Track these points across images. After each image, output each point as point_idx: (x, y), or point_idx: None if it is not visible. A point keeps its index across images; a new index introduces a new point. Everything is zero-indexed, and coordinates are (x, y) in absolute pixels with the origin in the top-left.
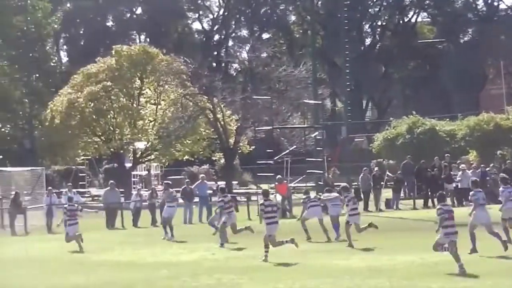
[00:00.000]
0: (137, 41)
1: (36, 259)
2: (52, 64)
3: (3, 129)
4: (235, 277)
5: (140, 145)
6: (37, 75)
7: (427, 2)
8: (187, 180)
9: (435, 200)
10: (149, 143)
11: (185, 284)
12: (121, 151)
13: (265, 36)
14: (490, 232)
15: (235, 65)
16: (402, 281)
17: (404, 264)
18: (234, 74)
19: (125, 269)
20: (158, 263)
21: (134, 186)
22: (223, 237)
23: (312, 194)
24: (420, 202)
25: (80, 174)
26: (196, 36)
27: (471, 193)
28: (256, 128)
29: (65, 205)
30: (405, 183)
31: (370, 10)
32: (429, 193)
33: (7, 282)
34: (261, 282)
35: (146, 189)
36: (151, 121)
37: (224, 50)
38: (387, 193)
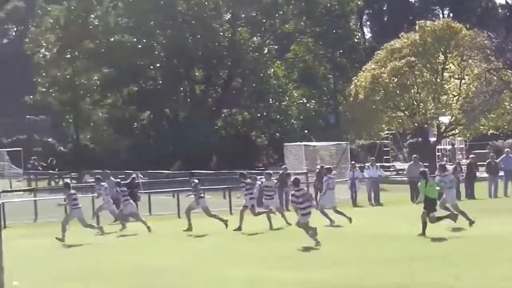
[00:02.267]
0: (440, 16)
1: (343, 232)
2: (356, 40)
3: (308, 105)
4: None
5: (444, 119)
6: (341, 51)
7: None
8: (492, 154)
9: None
10: (453, 118)
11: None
12: (425, 126)
13: None
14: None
15: None
16: None
17: None
18: None
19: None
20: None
21: (438, 160)
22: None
23: None
24: None
25: (384, 149)
26: (500, 10)
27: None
28: None
29: None
30: None
31: None
32: None
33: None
34: None
35: (451, 164)
36: (454, 96)
37: None
38: None
